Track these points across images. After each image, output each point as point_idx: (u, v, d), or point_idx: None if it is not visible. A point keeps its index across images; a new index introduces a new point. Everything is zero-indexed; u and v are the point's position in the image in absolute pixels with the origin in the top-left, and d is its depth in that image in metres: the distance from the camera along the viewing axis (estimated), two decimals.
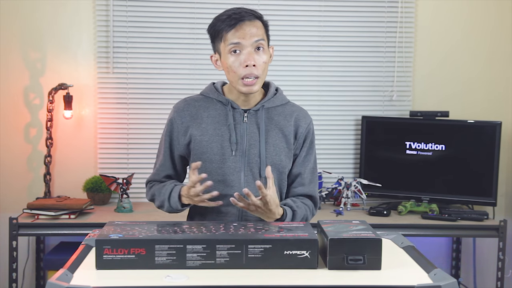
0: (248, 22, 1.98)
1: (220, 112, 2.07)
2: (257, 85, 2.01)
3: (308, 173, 2.12)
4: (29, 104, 3.59)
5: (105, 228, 1.69)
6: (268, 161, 2.03)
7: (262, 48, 2.00)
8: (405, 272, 1.60)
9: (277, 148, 2.06)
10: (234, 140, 2.03)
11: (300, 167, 2.11)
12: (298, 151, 2.11)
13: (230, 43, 1.98)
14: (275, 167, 2.04)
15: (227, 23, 1.98)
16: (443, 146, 3.56)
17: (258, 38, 1.99)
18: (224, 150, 2.03)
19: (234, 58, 1.98)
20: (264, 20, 2.05)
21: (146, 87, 3.65)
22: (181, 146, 2.10)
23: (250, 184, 2.02)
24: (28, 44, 3.58)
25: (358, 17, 3.75)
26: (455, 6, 3.79)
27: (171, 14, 3.64)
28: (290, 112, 2.11)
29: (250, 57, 1.97)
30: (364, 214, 3.47)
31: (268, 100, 2.08)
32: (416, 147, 3.61)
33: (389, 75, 3.79)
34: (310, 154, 2.13)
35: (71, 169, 3.63)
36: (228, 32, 1.98)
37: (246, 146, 2.04)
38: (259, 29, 2.00)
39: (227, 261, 1.57)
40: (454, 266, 3.82)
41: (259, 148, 2.04)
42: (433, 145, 3.57)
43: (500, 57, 3.81)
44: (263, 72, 2.02)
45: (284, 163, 2.07)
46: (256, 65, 1.98)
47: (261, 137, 2.04)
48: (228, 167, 2.02)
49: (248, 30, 1.97)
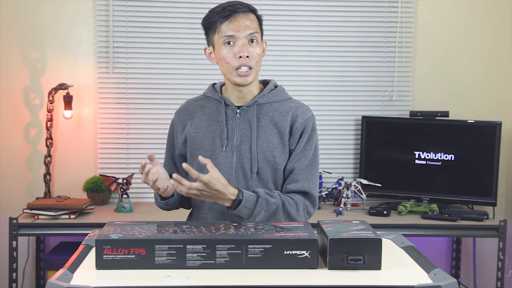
0: (243, 14, 2.00)
1: (214, 110, 2.08)
2: (251, 76, 2.01)
3: (303, 169, 2.03)
4: (29, 104, 3.59)
5: (105, 228, 1.69)
6: (260, 157, 2.01)
7: (255, 41, 2.01)
8: (405, 272, 1.60)
9: (270, 144, 2.02)
10: (225, 135, 2.02)
11: (294, 163, 2.03)
12: (294, 146, 2.04)
13: (224, 35, 1.99)
14: (268, 163, 2.01)
15: (222, 15, 1.99)
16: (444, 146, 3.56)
17: (252, 31, 1.99)
18: (215, 146, 2.03)
19: (228, 49, 1.99)
20: (258, 14, 2.06)
21: (146, 87, 3.65)
22: (179, 144, 2.11)
23: (241, 181, 2.01)
24: (28, 44, 3.58)
25: (358, 17, 3.75)
26: (455, 6, 3.79)
27: (171, 14, 3.64)
28: (288, 108, 2.07)
29: (243, 48, 1.98)
30: (364, 214, 3.47)
31: (262, 96, 2.07)
32: (416, 147, 3.61)
33: (389, 75, 3.79)
34: (307, 150, 2.04)
35: (71, 169, 3.63)
36: (222, 23, 1.99)
37: (237, 142, 2.03)
38: (253, 21, 2.01)
39: (227, 261, 1.57)
40: (454, 266, 3.82)
41: (250, 144, 2.02)
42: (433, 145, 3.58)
43: (500, 57, 3.81)
44: (257, 64, 2.02)
45: (278, 160, 2.02)
46: (250, 56, 1.99)
47: (253, 132, 2.02)
48: (218, 163, 2.01)
49: (242, 22, 1.98)
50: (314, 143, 2.07)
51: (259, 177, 2.02)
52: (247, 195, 1.91)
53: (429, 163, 3.57)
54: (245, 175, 2.02)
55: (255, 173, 2.01)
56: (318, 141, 2.10)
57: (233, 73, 2.01)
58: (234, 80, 2.02)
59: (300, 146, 2.04)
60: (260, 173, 2.02)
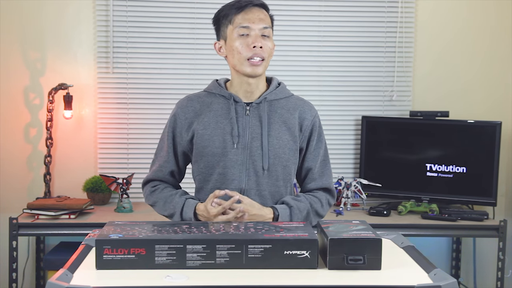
0: (257, 8, 2.03)
1: (222, 106, 2.07)
2: (262, 67, 2.02)
3: (319, 167, 2.12)
4: (29, 104, 3.59)
5: (105, 228, 1.69)
6: (271, 154, 2.02)
7: (268, 37, 2.03)
8: (405, 272, 1.60)
9: (280, 141, 2.05)
10: (236, 133, 2.03)
11: (310, 162, 2.12)
12: (305, 144, 2.10)
13: (239, 26, 2.00)
14: (278, 160, 2.03)
15: (237, 6, 2.02)
16: (443, 146, 3.56)
17: (266, 25, 2.02)
18: (226, 143, 2.03)
19: (242, 41, 2.01)
20: (270, 13, 2.09)
21: (146, 87, 3.65)
22: (184, 141, 2.09)
23: (251, 178, 2.02)
24: (28, 44, 3.58)
25: (358, 17, 3.75)
26: (455, 6, 3.79)
27: (171, 14, 3.64)
28: (294, 105, 2.11)
29: (257, 39, 2.00)
30: (364, 214, 3.47)
31: (271, 92, 2.09)
32: (416, 147, 3.61)
33: (389, 75, 3.79)
34: (319, 147, 2.12)
35: (71, 169, 3.63)
36: (238, 14, 2.01)
37: (248, 139, 2.03)
38: (266, 16, 2.05)
39: (227, 261, 1.57)
40: (454, 266, 3.82)
41: (261, 141, 2.03)
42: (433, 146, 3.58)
43: (500, 57, 3.81)
44: (268, 57, 2.04)
45: (288, 156, 2.05)
46: (263, 48, 2.01)
47: (263, 129, 2.03)
48: (229, 160, 2.02)
49: (257, 15, 2.01)
50: (323, 139, 2.15)
51: (269, 174, 2.03)
52: (281, 211, 2.01)
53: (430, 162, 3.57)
54: (256, 172, 2.03)
55: (266, 170, 2.02)
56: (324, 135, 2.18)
57: (244, 63, 2.01)
58: (245, 70, 2.02)
59: (312, 145, 2.11)
60: (270, 170, 2.03)
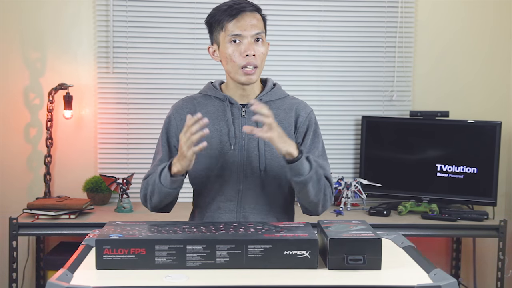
0: (249, 13, 2.00)
1: (218, 108, 2.07)
2: (256, 74, 2.01)
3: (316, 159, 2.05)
4: (29, 104, 3.59)
5: (105, 228, 1.69)
6: (267, 154, 2.02)
7: (261, 40, 2.01)
8: (405, 272, 1.60)
9: None
10: (233, 134, 2.03)
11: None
12: (301, 139, 2.08)
13: (231, 34, 1.98)
14: (275, 160, 2.02)
15: (228, 13, 1.99)
16: (444, 146, 3.56)
17: (258, 30, 2.00)
18: (223, 145, 2.03)
19: (234, 48, 1.99)
20: (263, 13, 2.06)
21: (146, 87, 3.65)
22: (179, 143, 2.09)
23: (249, 179, 2.02)
24: (28, 44, 3.58)
25: (358, 17, 3.75)
26: (455, 6, 3.79)
27: (171, 14, 3.65)
28: (290, 105, 2.10)
29: (250, 47, 1.98)
30: (364, 214, 3.47)
31: (266, 93, 2.08)
32: (416, 147, 3.61)
33: (389, 75, 3.79)
34: (316, 142, 2.09)
35: (71, 169, 3.63)
36: (230, 22, 1.98)
37: (245, 141, 2.03)
38: (259, 21, 2.02)
39: (227, 261, 1.57)
40: (454, 266, 3.82)
41: (257, 142, 2.03)
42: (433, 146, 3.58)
43: (500, 57, 3.81)
44: (262, 63, 2.03)
45: None
46: (256, 55, 1.99)
47: None
48: (226, 162, 2.02)
49: (249, 21, 1.99)
50: (320, 136, 2.12)
51: (267, 174, 2.03)
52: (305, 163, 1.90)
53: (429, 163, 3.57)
54: (253, 172, 2.02)
55: (263, 171, 2.02)
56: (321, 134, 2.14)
57: (238, 72, 2.00)
58: (239, 79, 2.02)
59: (308, 139, 2.08)
60: (267, 171, 2.03)
